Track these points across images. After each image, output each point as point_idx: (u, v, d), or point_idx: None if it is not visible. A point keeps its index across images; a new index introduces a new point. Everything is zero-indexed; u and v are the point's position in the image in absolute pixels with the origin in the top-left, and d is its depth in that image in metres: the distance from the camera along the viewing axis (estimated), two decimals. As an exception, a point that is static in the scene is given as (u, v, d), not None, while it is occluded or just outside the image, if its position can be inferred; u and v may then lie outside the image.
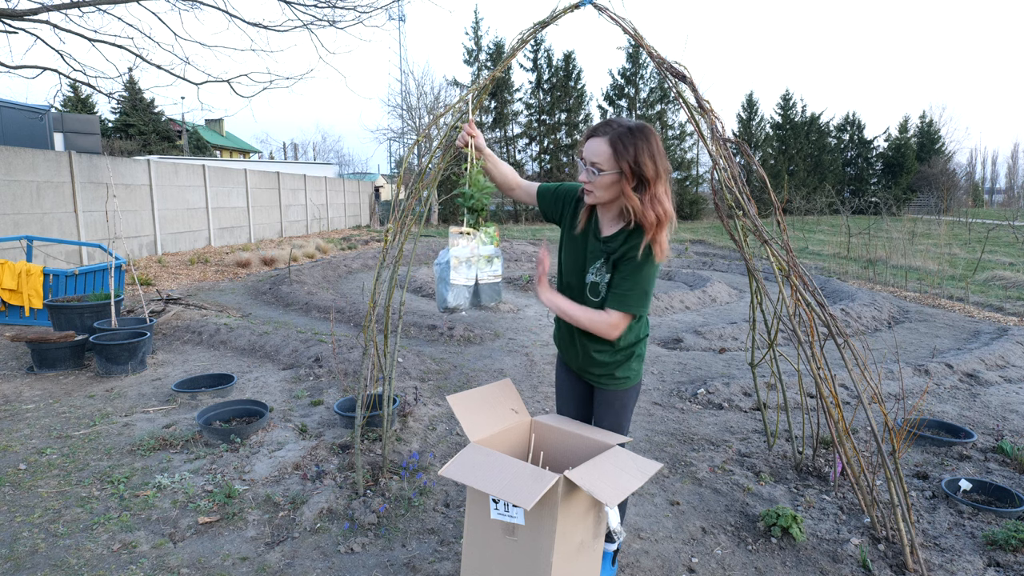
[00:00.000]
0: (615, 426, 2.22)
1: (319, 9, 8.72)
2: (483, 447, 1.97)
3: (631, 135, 1.83)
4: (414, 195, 3.01)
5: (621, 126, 1.85)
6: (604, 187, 1.89)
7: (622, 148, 1.81)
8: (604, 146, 1.84)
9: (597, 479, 1.79)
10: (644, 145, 1.83)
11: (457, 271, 1.97)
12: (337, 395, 4.57)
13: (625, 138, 1.82)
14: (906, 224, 21.52)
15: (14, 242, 9.05)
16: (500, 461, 1.85)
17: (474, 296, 2.07)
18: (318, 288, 9.51)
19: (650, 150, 1.83)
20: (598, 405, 2.25)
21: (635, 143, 1.82)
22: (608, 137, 1.84)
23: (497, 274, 2.06)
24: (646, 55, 4.20)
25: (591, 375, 2.21)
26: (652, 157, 1.83)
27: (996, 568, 2.50)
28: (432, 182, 3.02)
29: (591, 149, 1.86)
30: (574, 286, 2.11)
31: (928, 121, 40.96)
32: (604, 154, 1.84)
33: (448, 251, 2.02)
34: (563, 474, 1.76)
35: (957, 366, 5.27)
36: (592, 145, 1.87)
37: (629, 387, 2.19)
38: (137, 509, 2.94)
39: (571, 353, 2.24)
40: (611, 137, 1.83)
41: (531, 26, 2.77)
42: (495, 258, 2.03)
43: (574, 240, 2.08)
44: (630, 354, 2.15)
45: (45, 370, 5.19)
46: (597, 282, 2.01)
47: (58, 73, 8.14)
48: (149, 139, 25.91)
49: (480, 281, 2.03)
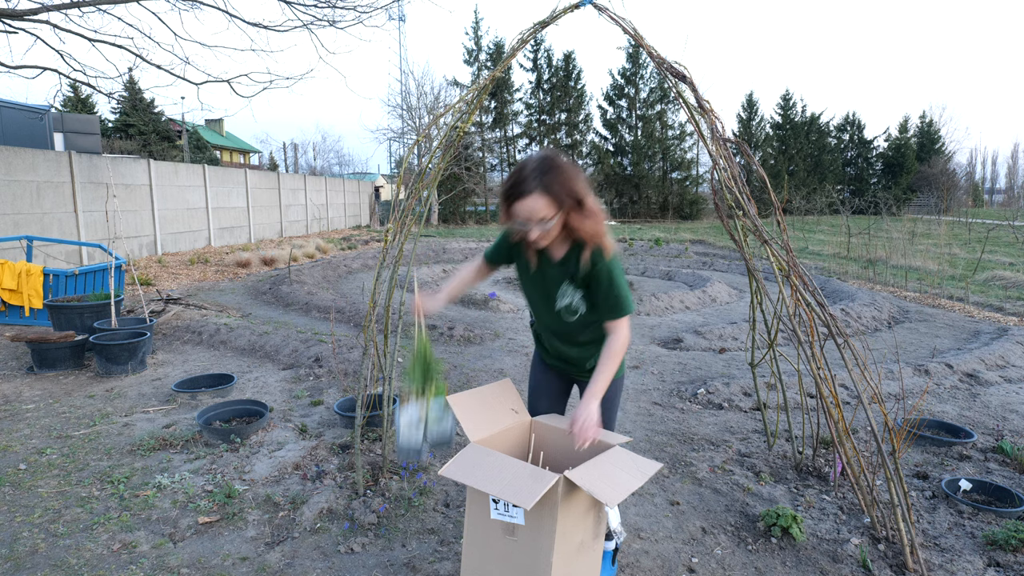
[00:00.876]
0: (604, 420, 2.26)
1: (319, 9, 8.73)
2: (483, 447, 1.97)
3: (553, 173, 1.84)
4: (414, 195, 3.02)
5: (537, 171, 1.84)
6: (555, 229, 1.93)
7: (557, 190, 1.83)
8: (540, 200, 1.84)
9: (597, 479, 1.79)
10: (567, 174, 1.85)
11: (408, 429, 2.15)
12: (337, 395, 4.57)
13: (551, 180, 1.83)
14: (906, 224, 21.53)
15: (14, 242, 9.05)
16: (500, 461, 1.85)
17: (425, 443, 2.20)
18: (318, 288, 9.51)
19: (572, 174, 1.87)
20: None
21: (560, 178, 1.84)
22: (538, 190, 1.84)
23: (446, 431, 2.21)
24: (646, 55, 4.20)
25: (577, 370, 2.30)
26: (576, 179, 1.87)
27: (996, 568, 2.50)
28: (432, 182, 3.02)
29: (529, 208, 1.86)
30: (544, 315, 2.20)
31: (928, 121, 40.99)
32: (544, 207, 1.85)
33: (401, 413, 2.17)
34: (563, 474, 1.76)
35: (957, 366, 5.27)
36: (527, 205, 1.85)
37: (617, 378, 2.25)
38: (137, 509, 2.94)
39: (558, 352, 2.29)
40: (541, 188, 1.84)
41: (531, 26, 2.77)
42: (443, 417, 2.20)
43: (532, 277, 2.15)
44: None
45: (45, 370, 5.19)
46: (569, 303, 2.08)
47: (58, 73, 8.15)
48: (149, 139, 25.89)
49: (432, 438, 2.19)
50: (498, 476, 1.78)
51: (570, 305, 2.08)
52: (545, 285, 2.12)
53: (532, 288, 2.18)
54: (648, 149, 33.30)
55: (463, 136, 3.02)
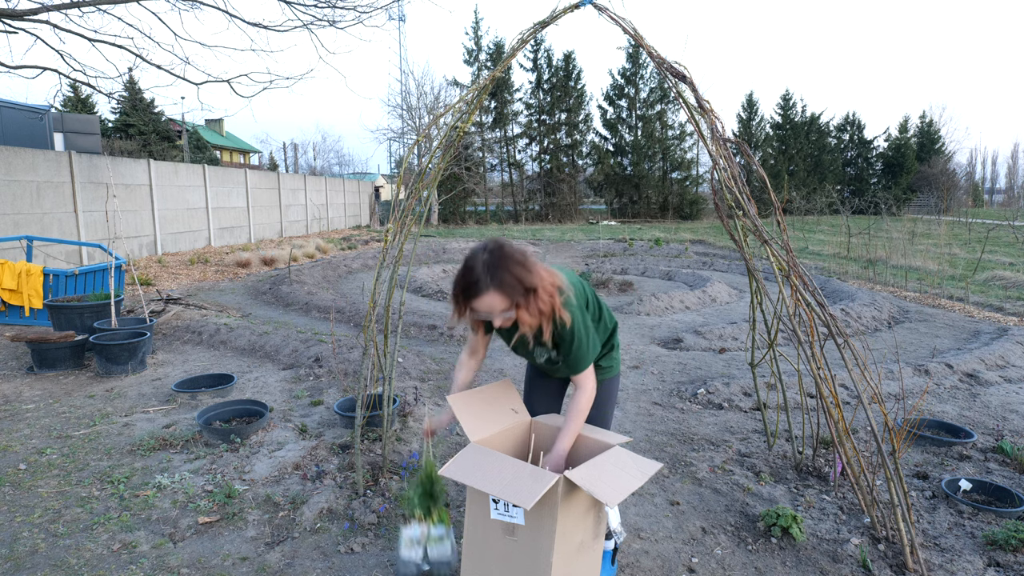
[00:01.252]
0: (599, 418, 2.33)
1: (319, 9, 8.73)
2: (483, 447, 1.97)
3: (502, 268, 1.88)
4: (414, 195, 3.02)
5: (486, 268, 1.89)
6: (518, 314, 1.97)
7: (509, 287, 1.88)
8: (496, 297, 1.90)
9: (597, 479, 1.79)
10: (515, 266, 1.90)
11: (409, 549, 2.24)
12: (337, 395, 4.57)
13: (504, 277, 1.88)
14: (906, 224, 21.53)
15: (14, 242, 9.05)
16: (500, 461, 1.85)
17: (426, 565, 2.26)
18: (318, 288, 9.51)
19: (523, 265, 1.91)
20: None
21: (510, 272, 1.88)
22: (492, 287, 1.89)
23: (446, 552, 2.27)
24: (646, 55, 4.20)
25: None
26: (525, 267, 1.91)
27: (996, 568, 2.50)
28: (432, 182, 3.02)
29: (488, 305, 1.91)
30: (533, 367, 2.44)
31: (928, 121, 40.97)
32: (501, 302, 1.91)
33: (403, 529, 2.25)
34: (563, 474, 1.75)
35: (957, 366, 5.27)
36: (484, 303, 1.91)
37: (610, 377, 2.37)
38: (137, 509, 2.94)
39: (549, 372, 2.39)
40: (494, 286, 1.88)
41: (531, 26, 2.77)
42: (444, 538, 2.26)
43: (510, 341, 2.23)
44: (610, 347, 2.35)
45: (45, 370, 5.19)
46: (548, 357, 2.22)
47: (58, 73, 8.15)
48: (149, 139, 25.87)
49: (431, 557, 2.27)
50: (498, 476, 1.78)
51: (550, 358, 2.22)
52: (524, 347, 2.24)
53: (513, 347, 2.26)
54: (648, 149, 33.30)
55: (463, 136, 3.02)
